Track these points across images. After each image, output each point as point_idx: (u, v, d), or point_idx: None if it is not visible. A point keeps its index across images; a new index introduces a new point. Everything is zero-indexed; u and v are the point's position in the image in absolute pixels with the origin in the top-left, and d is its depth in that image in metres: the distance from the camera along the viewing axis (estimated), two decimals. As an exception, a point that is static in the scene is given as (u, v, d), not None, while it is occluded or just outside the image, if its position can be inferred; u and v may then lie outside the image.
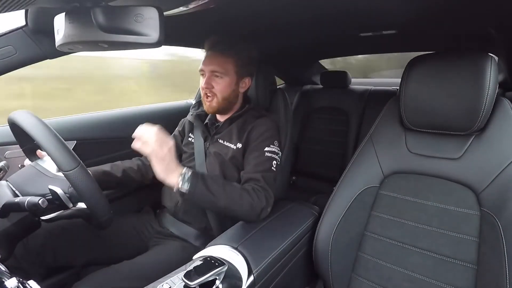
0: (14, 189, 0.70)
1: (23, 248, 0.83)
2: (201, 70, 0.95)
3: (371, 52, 1.77)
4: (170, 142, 0.73)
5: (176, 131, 1.13)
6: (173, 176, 0.74)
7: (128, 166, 1.02)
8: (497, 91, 0.69)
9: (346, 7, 0.80)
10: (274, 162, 0.90)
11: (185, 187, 0.74)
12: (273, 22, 0.96)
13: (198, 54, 1.67)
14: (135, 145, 0.72)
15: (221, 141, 0.97)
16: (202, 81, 0.95)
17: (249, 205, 0.79)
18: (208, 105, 0.95)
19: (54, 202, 0.68)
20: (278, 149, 0.93)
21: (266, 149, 0.90)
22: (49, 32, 0.70)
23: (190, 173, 0.75)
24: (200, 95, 1.00)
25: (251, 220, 0.82)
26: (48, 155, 0.63)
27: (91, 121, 1.31)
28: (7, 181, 0.72)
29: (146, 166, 1.05)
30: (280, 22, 0.96)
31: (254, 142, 0.92)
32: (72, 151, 0.64)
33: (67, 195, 0.70)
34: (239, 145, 0.93)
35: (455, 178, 0.73)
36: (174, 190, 0.75)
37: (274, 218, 0.87)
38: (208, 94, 0.93)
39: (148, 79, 3.10)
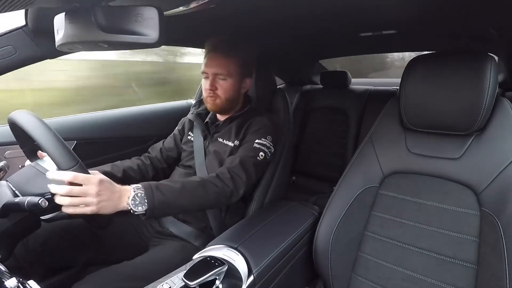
0: (14, 189, 0.70)
1: (23, 248, 0.83)
2: (204, 72, 0.94)
3: (371, 52, 1.77)
4: (94, 177, 0.63)
5: (176, 130, 1.13)
6: (121, 203, 0.65)
7: (128, 165, 1.02)
8: (497, 91, 0.69)
9: (346, 7, 0.80)
10: (261, 153, 0.90)
11: (141, 209, 0.66)
12: (273, 22, 0.96)
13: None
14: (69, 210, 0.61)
15: (220, 139, 0.97)
16: (204, 83, 0.95)
17: (215, 193, 0.78)
18: (212, 103, 0.95)
19: (53, 200, 0.68)
20: (271, 144, 0.93)
21: (256, 141, 0.91)
22: (49, 32, 0.70)
23: (140, 191, 0.67)
24: (200, 94, 1.00)
25: (223, 205, 0.82)
26: (47, 153, 0.63)
27: (91, 121, 1.31)
28: (7, 181, 0.72)
29: (146, 166, 1.05)
30: (280, 22, 0.96)
31: (248, 136, 0.93)
32: (71, 149, 0.64)
33: None
34: (237, 142, 0.94)
35: (455, 178, 0.73)
36: (132, 212, 0.66)
37: (274, 218, 0.87)
38: (212, 96, 0.94)
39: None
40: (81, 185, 0.61)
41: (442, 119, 0.74)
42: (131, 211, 0.66)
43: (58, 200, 0.61)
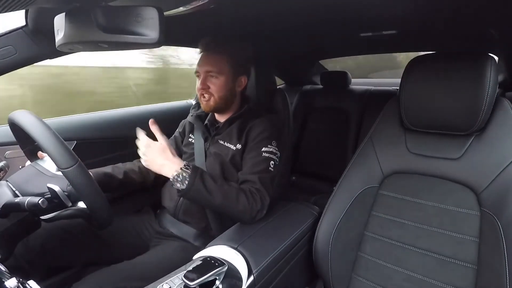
0: (14, 189, 0.70)
1: (23, 248, 0.83)
2: (196, 71, 0.94)
3: (371, 52, 1.77)
4: (145, 140, 0.81)
5: (176, 132, 1.13)
6: (164, 170, 0.79)
7: (129, 167, 1.01)
8: (497, 91, 0.69)
9: (346, 7, 0.80)
10: (272, 162, 0.89)
11: (179, 185, 0.76)
12: (273, 22, 0.96)
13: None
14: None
15: (221, 141, 0.97)
16: (197, 83, 0.95)
17: (245, 207, 0.79)
18: (205, 104, 0.95)
19: (53, 200, 0.68)
20: (276, 149, 0.92)
21: (264, 149, 0.90)
22: (49, 32, 0.70)
23: (188, 170, 0.77)
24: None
25: (245, 222, 0.82)
26: (46, 153, 0.63)
27: (91, 121, 1.31)
28: (7, 181, 0.72)
29: (147, 168, 1.05)
30: (280, 22, 0.96)
31: (252, 142, 0.91)
32: (70, 149, 0.64)
33: (66, 193, 0.70)
34: (239, 146, 0.93)
35: (455, 178, 0.73)
36: (172, 185, 0.79)
37: (274, 218, 0.87)
38: (205, 95, 0.93)
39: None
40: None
41: (442, 119, 0.74)
42: (172, 183, 0.78)
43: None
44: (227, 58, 0.93)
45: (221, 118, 1.02)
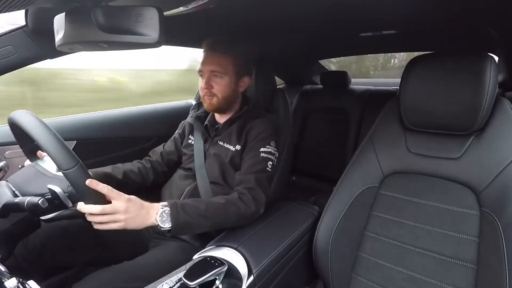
0: (14, 189, 0.70)
1: (23, 248, 0.83)
2: (200, 71, 0.94)
3: (371, 52, 1.78)
4: (123, 194, 0.68)
5: (176, 134, 1.13)
6: (149, 218, 0.70)
7: (129, 168, 1.01)
8: (497, 91, 0.69)
9: (346, 7, 0.80)
10: (270, 162, 0.89)
11: (167, 225, 0.70)
12: (273, 22, 0.96)
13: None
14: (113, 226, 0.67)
15: (221, 142, 0.97)
16: (201, 82, 0.95)
17: (237, 215, 0.79)
18: (208, 103, 0.95)
19: (54, 201, 0.68)
20: (275, 149, 0.93)
21: (262, 149, 0.90)
22: (49, 32, 0.70)
23: (167, 208, 0.71)
24: (199, 96, 1.00)
25: (244, 225, 0.83)
26: (47, 154, 0.63)
27: (91, 121, 1.31)
28: (7, 181, 0.72)
29: (146, 169, 1.04)
30: (280, 22, 0.96)
31: (251, 142, 0.92)
32: (71, 150, 0.64)
33: (66, 194, 0.70)
34: (238, 147, 0.93)
35: (455, 178, 0.73)
36: (159, 228, 0.71)
37: (274, 218, 0.87)
38: (208, 95, 0.93)
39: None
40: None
41: (442, 119, 0.74)
42: (159, 226, 0.70)
43: (90, 218, 0.66)
44: (232, 58, 0.93)
45: (221, 119, 1.02)
